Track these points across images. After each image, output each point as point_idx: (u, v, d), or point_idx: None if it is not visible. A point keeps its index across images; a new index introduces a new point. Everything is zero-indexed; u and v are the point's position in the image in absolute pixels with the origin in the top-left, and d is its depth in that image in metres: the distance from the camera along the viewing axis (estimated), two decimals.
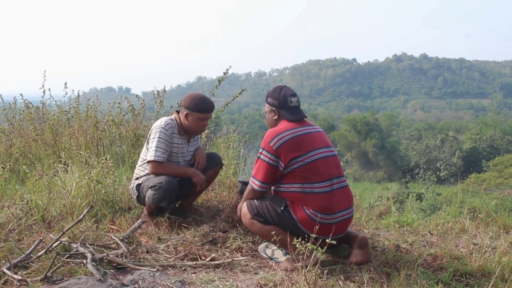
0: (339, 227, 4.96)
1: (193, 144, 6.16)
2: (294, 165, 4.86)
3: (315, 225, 4.64)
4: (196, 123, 5.91)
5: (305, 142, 4.94)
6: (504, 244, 5.40)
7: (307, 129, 5.08)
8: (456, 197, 8.31)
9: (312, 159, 4.88)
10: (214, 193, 6.92)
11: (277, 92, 5.27)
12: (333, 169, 5.00)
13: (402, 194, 18.47)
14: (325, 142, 5.10)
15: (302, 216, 4.82)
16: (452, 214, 7.02)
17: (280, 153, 4.85)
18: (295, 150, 4.86)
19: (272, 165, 4.90)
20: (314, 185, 4.83)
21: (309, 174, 4.84)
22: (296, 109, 5.16)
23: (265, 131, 5.15)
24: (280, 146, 4.86)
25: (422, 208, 13.90)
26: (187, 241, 5.30)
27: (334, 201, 4.88)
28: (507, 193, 13.28)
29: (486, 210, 7.08)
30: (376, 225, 6.50)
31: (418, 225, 6.49)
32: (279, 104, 5.17)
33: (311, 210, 4.80)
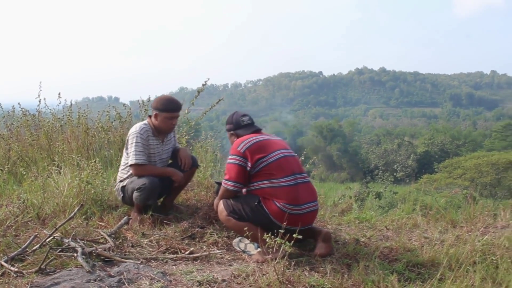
0: (307, 218, 5.04)
1: (167, 143, 6.18)
2: (260, 165, 4.99)
3: (286, 217, 4.74)
4: (165, 122, 5.94)
5: (266, 145, 5.12)
6: (451, 238, 5.43)
7: (266, 136, 5.30)
8: (410, 195, 8.37)
9: (275, 158, 5.04)
10: (193, 193, 6.92)
11: (230, 118, 5.53)
12: (295, 166, 5.15)
13: (363, 193, 18.52)
14: (284, 146, 5.27)
15: (274, 209, 4.88)
16: (406, 211, 7.07)
17: (246, 155, 5.01)
18: (259, 152, 5.03)
19: (241, 166, 5.03)
20: (280, 180, 4.94)
21: (275, 171, 4.97)
22: (250, 125, 5.42)
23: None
24: (246, 149, 5.03)
25: (380, 205, 13.94)
26: (168, 236, 5.29)
27: (300, 193, 4.98)
28: (455, 191, 13.37)
29: (436, 207, 7.12)
30: (338, 221, 6.52)
31: (376, 221, 6.52)
32: (234, 126, 5.42)
33: (281, 203, 4.86)
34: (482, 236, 5.56)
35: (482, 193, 38.65)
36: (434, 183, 41.98)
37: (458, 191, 23.43)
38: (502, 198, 30.12)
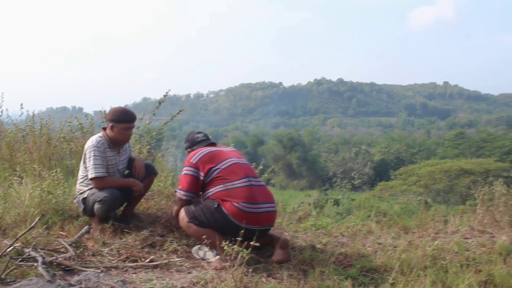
0: (265, 218, 5.11)
1: (123, 154, 6.17)
2: (213, 173, 5.13)
3: (244, 216, 4.88)
4: (121, 133, 5.94)
5: (218, 155, 5.29)
6: (403, 243, 5.49)
7: (219, 148, 5.52)
8: (367, 202, 8.45)
9: (228, 164, 5.20)
10: (154, 202, 6.88)
11: (187, 137, 5.80)
12: (248, 171, 5.31)
13: (322, 200, 18.67)
14: (236, 155, 5.45)
15: (232, 209, 4.95)
16: (361, 218, 7.14)
17: (198, 165, 5.18)
18: (211, 162, 5.19)
19: (193, 175, 5.19)
20: (234, 182, 5.07)
21: (228, 176, 5.11)
22: (204, 141, 5.63)
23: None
24: (198, 160, 5.20)
25: (339, 212, 14.05)
26: (128, 245, 5.24)
27: (256, 194, 5.09)
28: (408, 199, 13.56)
29: (389, 214, 7.21)
30: (295, 228, 6.55)
31: (332, 228, 6.57)
32: (191, 144, 5.64)
33: (239, 202, 4.95)
34: (433, 241, 5.64)
35: (435, 199, 39.20)
36: (389, 190, 42.50)
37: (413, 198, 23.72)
38: (454, 204, 30.55)
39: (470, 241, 5.91)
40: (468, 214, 7.09)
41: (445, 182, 42.08)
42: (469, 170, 43.21)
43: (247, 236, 4.53)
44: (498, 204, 6.96)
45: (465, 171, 43.11)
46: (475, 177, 37.82)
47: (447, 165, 44.94)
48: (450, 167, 44.04)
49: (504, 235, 5.98)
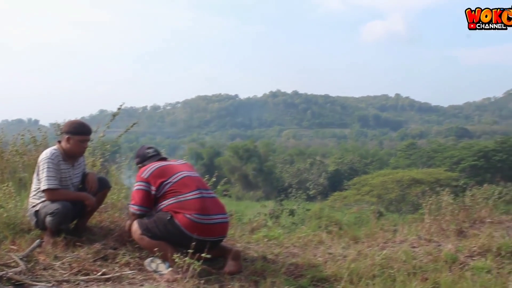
0: (218, 229, 5.14)
1: (78, 167, 6.10)
2: (165, 187, 5.15)
3: (197, 227, 4.89)
4: (77, 145, 5.89)
5: (169, 169, 5.32)
6: (353, 253, 5.56)
7: (169, 162, 5.54)
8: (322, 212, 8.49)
9: (179, 178, 5.22)
10: (107, 215, 6.80)
11: (137, 152, 5.83)
12: (199, 183, 5.33)
13: (277, 210, 18.73)
14: (187, 168, 5.47)
15: (185, 221, 4.95)
16: (312, 228, 7.19)
17: (150, 180, 5.19)
18: (162, 176, 5.21)
19: (145, 190, 5.20)
20: (186, 195, 5.09)
21: (179, 188, 5.13)
22: (155, 156, 5.66)
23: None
24: (149, 175, 5.22)
25: (294, 222, 14.12)
26: (80, 258, 5.18)
27: (208, 205, 5.12)
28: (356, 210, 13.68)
29: (341, 223, 7.28)
30: (248, 240, 6.55)
31: (284, 239, 6.59)
32: (142, 159, 5.68)
33: (191, 214, 4.96)
34: (381, 251, 5.71)
35: (388, 208, 39.65)
36: (343, 200, 42.86)
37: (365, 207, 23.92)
38: (406, 213, 30.93)
39: (418, 250, 6.00)
40: (416, 224, 7.20)
41: (397, 191, 42.62)
42: (420, 179, 43.88)
43: (199, 248, 4.54)
44: (445, 214, 7.10)
45: (416, 181, 43.76)
46: (426, 187, 38.43)
47: (399, 175, 45.55)
48: (402, 177, 44.64)
49: (450, 244, 6.09)
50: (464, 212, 7.17)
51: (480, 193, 8.65)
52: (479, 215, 7.22)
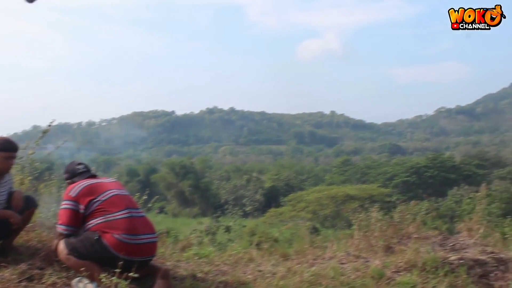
0: (146, 249, 5.06)
1: (3, 185, 5.92)
2: (93, 205, 5.04)
3: (125, 247, 4.79)
4: (4, 162, 5.71)
5: (98, 187, 5.21)
6: (282, 270, 5.58)
7: (99, 180, 5.43)
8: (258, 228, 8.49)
9: (108, 196, 5.12)
10: (35, 234, 6.62)
11: (67, 167, 5.68)
12: (128, 202, 5.23)
13: (213, 227, 18.70)
14: (116, 186, 5.37)
15: (113, 241, 4.86)
16: (243, 245, 7.18)
17: (78, 198, 5.07)
18: (90, 194, 5.10)
19: (73, 209, 5.08)
20: (115, 214, 5.00)
21: (108, 207, 5.03)
22: (85, 173, 5.53)
23: None
24: (78, 193, 5.10)
25: (230, 239, 14.09)
26: (5, 279, 5.03)
27: (136, 225, 5.04)
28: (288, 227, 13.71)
29: (272, 240, 7.30)
30: (178, 258, 6.49)
31: (214, 256, 6.57)
32: (71, 175, 5.54)
33: (119, 234, 4.87)
34: (310, 267, 5.76)
35: (323, 224, 40.08)
36: (279, 216, 43.12)
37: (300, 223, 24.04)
38: (341, 229, 31.31)
39: (346, 266, 6.07)
40: (346, 240, 7.29)
41: (332, 207, 43.17)
42: (354, 195, 44.60)
43: (127, 267, 4.49)
44: (374, 230, 7.20)
45: (351, 197, 44.46)
46: (360, 203, 38.98)
47: (334, 191, 46.18)
48: (336, 193, 45.27)
49: (378, 260, 6.18)
50: (392, 228, 7.28)
51: (408, 209, 8.82)
52: (407, 231, 7.34)
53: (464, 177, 67.22)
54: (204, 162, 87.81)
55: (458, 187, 54.47)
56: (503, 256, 6.46)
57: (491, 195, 41.61)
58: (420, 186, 67.30)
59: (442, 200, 55.04)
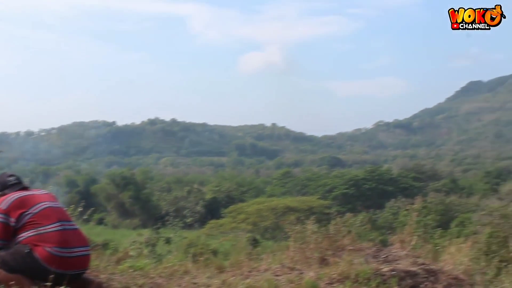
0: (79, 262, 5.01)
1: None
2: (24, 218, 4.95)
3: (57, 261, 4.73)
4: None
5: (30, 199, 5.11)
6: (217, 282, 5.59)
7: (31, 192, 5.30)
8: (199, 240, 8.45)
9: (40, 209, 5.03)
10: None
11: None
12: (61, 215, 5.16)
13: (153, 238, 18.52)
14: (49, 198, 5.28)
15: (44, 254, 4.78)
16: (179, 258, 7.16)
17: (9, 211, 4.96)
18: (22, 207, 4.99)
19: (3, 222, 4.95)
20: (47, 227, 4.91)
21: (40, 220, 4.94)
22: (16, 184, 5.40)
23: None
24: (8, 206, 4.98)
25: (170, 250, 14.01)
26: None
27: (69, 238, 4.98)
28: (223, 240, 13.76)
29: (215, 252, 7.31)
30: (112, 271, 6.42)
31: (150, 269, 6.52)
32: (2, 187, 5.39)
33: (51, 247, 4.80)
34: (245, 279, 5.78)
35: (264, 235, 40.19)
36: (220, 228, 43.11)
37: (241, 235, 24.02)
38: (281, 240, 31.48)
39: (280, 278, 6.11)
40: (281, 252, 7.35)
41: (272, 219, 43.33)
42: (294, 207, 44.93)
43: (59, 281, 4.43)
44: (309, 242, 7.28)
45: (291, 209, 44.76)
46: (300, 214, 39.27)
47: (274, 203, 46.46)
48: (276, 205, 45.55)
49: (312, 272, 6.25)
50: (327, 240, 7.38)
51: (344, 222, 8.95)
52: (342, 243, 7.45)
53: (401, 190, 68.57)
54: (145, 173, 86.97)
55: (396, 199, 55.55)
56: (433, 267, 6.64)
57: (426, 207, 42.59)
58: (359, 198, 68.29)
59: (380, 212, 56.07)
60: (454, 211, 48.77)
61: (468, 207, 50.37)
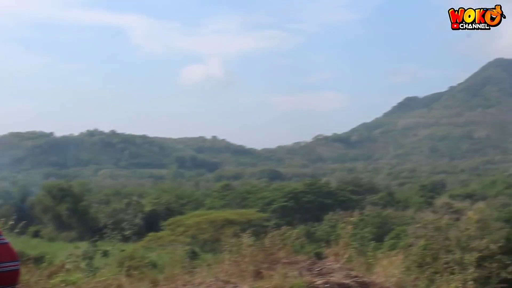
0: (8, 277, 4.82)
1: None
2: None
3: None
4: None
5: None
6: None
7: None
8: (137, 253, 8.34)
9: None
10: None
11: None
12: None
13: (90, 251, 18.26)
14: None
15: None
16: (112, 272, 7.07)
17: None
18: None
19: None
20: None
21: None
22: None
23: None
24: None
25: (107, 263, 13.81)
26: None
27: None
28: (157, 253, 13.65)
29: (141, 267, 7.26)
30: (44, 285, 6.31)
31: (83, 283, 6.43)
32: None
33: None
34: None
35: (203, 248, 40.03)
36: (158, 241, 42.71)
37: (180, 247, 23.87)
38: (220, 253, 31.39)
39: None
40: (217, 265, 7.34)
41: (211, 232, 43.22)
42: (233, 220, 44.91)
43: None
44: (245, 255, 7.30)
45: (230, 221, 44.72)
46: (239, 227, 39.30)
47: (213, 216, 46.39)
48: (216, 217, 45.46)
49: (246, 285, 6.28)
50: (263, 253, 7.41)
51: (280, 234, 9.00)
52: (277, 256, 7.50)
53: (340, 203, 69.35)
54: (83, 185, 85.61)
55: (334, 212, 56.19)
56: (366, 280, 6.75)
57: (364, 220, 43.25)
58: (297, 211, 68.74)
59: (318, 225, 56.63)
60: (390, 223, 49.70)
61: (404, 220, 51.43)
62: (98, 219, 67.89)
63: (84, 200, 74.68)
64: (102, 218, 66.63)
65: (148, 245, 39.02)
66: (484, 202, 69.08)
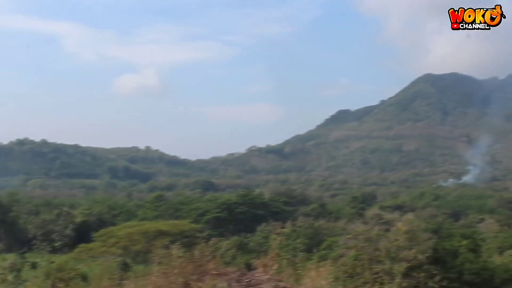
0: None
1: None
2: None
3: None
4: None
5: None
6: None
7: None
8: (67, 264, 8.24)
9: None
10: None
11: None
12: None
13: (19, 263, 17.87)
14: None
15: None
16: (38, 285, 7.01)
17: None
18: None
19: None
20: None
21: None
22: None
23: None
24: None
25: (36, 275, 13.56)
26: None
27: None
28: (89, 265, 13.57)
29: (75, 279, 7.20)
30: None
31: None
32: None
33: None
34: None
35: (135, 260, 39.63)
36: (89, 252, 42.03)
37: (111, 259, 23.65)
38: (152, 264, 31.14)
39: None
40: (146, 277, 7.34)
41: (143, 243, 42.85)
42: (165, 231, 44.67)
43: None
44: (174, 266, 7.34)
45: (162, 232, 44.46)
46: (171, 238, 39.12)
47: (146, 227, 46.01)
48: (148, 228, 45.11)
49: None
50: (192, 264, 7.46)
51: (210, 246, 9.07)
52: (207, 267, 7.56)
53: (273, 214, 69.75)
54: (11, 195, 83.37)
55: (267, 223, 56.51)
56: None
57: (296, 231, 43.70)
58: (231, 222, 68.84)
59: (251, 236, 56.87)
60: (322, 234, 50.35)
61: (336, 231, 52.19)
62: (27, 230, 66.26)
63: (12, 211, 72.80)
64: (32, 229, 65.07)
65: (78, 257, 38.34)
66: (413, 213, 71.02)
